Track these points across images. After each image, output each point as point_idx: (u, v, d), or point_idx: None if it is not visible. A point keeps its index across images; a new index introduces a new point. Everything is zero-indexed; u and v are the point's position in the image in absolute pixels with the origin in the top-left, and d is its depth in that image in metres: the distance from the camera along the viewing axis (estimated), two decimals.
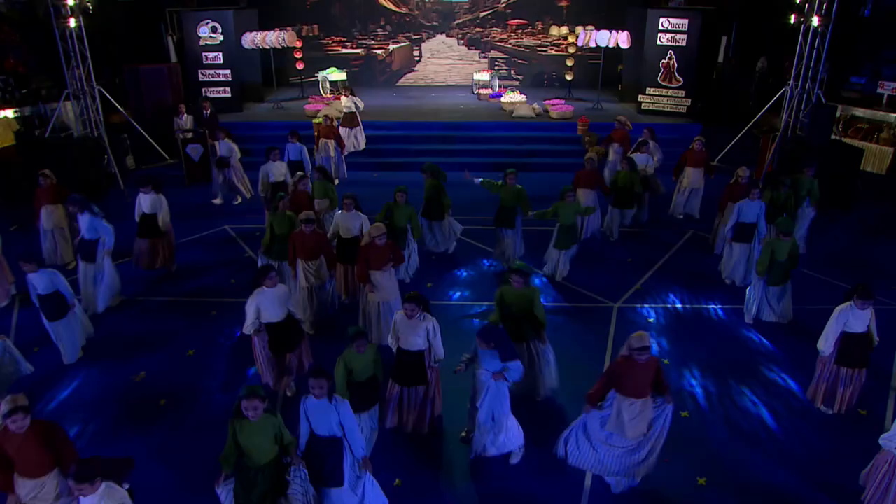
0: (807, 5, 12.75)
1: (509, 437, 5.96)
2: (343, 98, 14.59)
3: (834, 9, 12.36)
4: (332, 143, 13.48)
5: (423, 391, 6.29)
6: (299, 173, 9.86)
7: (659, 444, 5.59)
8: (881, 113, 15.49)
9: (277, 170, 10.83)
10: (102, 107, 14.20)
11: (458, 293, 9.42)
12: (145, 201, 9.42)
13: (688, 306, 9.08)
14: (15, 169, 13.08)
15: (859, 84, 17.02)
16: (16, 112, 15.21)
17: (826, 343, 6.60)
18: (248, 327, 6.60)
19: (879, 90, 15.88)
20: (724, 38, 18.96)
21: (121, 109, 14.83)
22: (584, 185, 10.57)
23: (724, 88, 17.87)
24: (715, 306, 9.06)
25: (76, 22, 13.05)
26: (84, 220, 8.56)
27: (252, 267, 9.66)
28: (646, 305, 9.07)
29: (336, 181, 12.74)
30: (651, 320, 8.69)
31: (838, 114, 15.68)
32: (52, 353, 7.65)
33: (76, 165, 12.74)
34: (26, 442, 4.80)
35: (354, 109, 14.52)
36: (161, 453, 6.27)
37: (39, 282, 7.22)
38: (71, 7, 12.85)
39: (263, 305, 6.58)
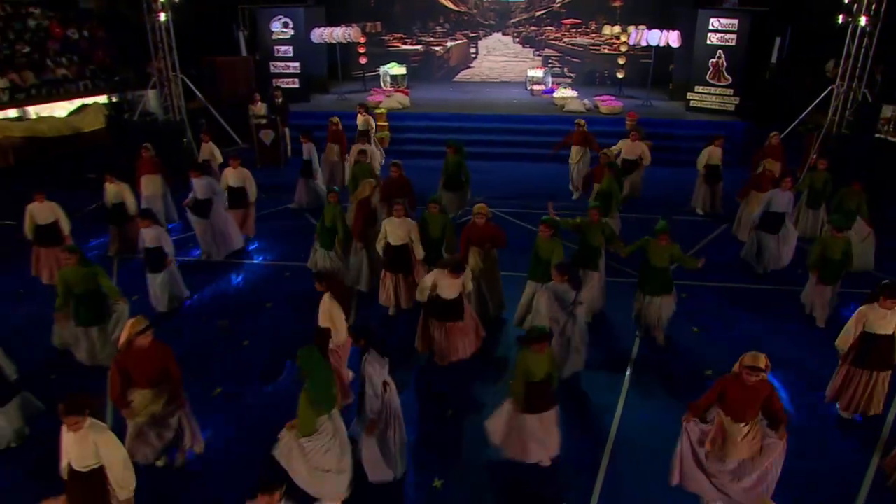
0: (855, 5, 13.05)
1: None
2: (359, 116, 14.43)
3: (882, 9, 12.64)
4: (336, 147, 13.42)
5: (460, 325, 7.38)
6: (395, 161, 10.64)
7: (767, 480, 5.14)
8: None
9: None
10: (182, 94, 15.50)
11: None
12: (231, 176, 10.60)
13: (717, 285, 9.66)
14: (106, 149, 14.53)
15: None
16: (108, 98, 16.76)
17: (845, 341, 6.50)
18: None
19: None
20: (778, 39, 19.19)
21: (200, 97, 16.11)
22: (597, 181, 11.10)
23: (777, 89, 18.11)
24: (745, 286, 9.61)
25: (165, 16, 14.34)
26: (201, 183, 9.93)
27: None
28: (679, 283, 9.60)
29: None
30: (685, 296, 9.29)
31: (889, 114, 15.80)
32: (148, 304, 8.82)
33: (160, 146, 13.98)
34: (146, 356, 5.78)
35: (367, 128, 14.22)
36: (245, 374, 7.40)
37: (147, 235, 8.39)
38: (162, 2, 14.15)
39: None
